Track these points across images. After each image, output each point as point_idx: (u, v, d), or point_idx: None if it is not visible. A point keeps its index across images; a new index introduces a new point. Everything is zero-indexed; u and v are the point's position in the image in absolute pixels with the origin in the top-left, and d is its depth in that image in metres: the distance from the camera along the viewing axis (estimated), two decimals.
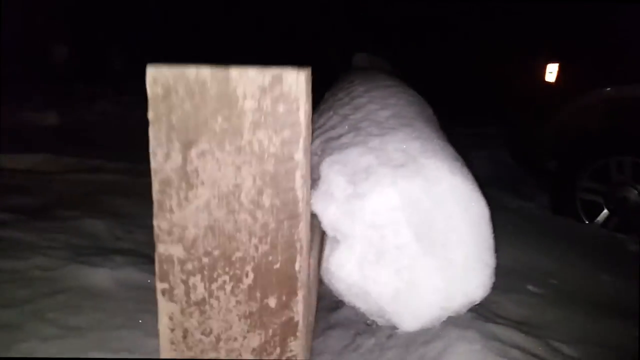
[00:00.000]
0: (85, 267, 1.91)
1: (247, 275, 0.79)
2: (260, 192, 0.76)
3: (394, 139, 1.22)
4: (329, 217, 1.12)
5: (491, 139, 5.08)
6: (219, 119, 0.73)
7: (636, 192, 3.28)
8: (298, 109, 0.73)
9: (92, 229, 2.31)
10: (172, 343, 0.82)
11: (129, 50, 6.07)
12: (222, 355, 0.81)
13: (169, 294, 0.80)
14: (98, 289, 1.76)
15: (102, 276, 1.81)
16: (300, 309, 0.80)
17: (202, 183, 0.76)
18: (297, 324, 0.80)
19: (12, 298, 1.61)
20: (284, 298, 0.79)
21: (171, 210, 0.77)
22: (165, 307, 0.81)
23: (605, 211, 3.41)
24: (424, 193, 1.07)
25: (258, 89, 0.72)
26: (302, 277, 0.79)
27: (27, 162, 3.15)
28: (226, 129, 0.73)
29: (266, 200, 0.76)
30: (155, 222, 0.78)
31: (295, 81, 0.72)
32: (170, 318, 0.81)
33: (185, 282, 0.80)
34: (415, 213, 1.07)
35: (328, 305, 1.43)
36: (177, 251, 0.78)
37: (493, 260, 1.12)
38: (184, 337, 0.82)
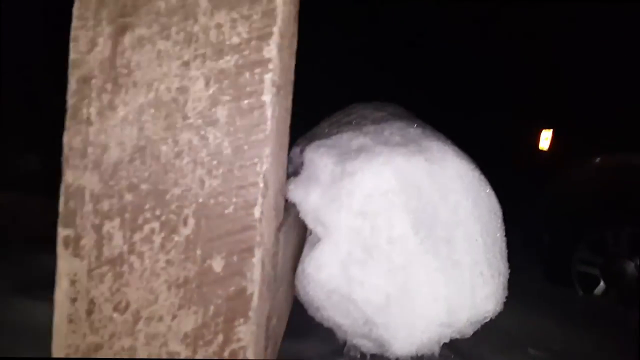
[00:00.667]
0: (24, 300, 1.64)
1: (185, 223, 0.54)
2: (214, 102, 0.54)
3: (392, 126, 1.02)
4: (311, 205, 0.89)
5: None
6: None
7: (633, 264, 3.05)
8: None
9: None
10: (71, 321, 0.56)
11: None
12: (140, 341, 0.54)
13: (73, 245, 0.55)
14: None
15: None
16: (256, 277, 0.54)
17: (135, 84, 0.54)
18: (249, 298, 0.54)
19: None
20: (234, 259, 0.55)
21: (88, 121, 0.54)
22: (66, 265, 0.55)
23: (602, 284, 3.16)
24: (426, 176, 0.86)
25: None
26: (262, 229, 0.54)
27: None
28: (175, 7, 0.53)
29: (221, 113, 0.54)
30: (65, 138, 0.55)
31: None
32: (72, 282, 0.56)
33: (97, 229, 0.55)
34: (414, 199, 0.84)
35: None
36: (90, 182, 0.55)
37: (506, 268, 0.88)
38: (89, 312, 0.56)
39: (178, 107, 0.54)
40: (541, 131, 3.51)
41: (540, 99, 3.71)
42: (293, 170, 1.04)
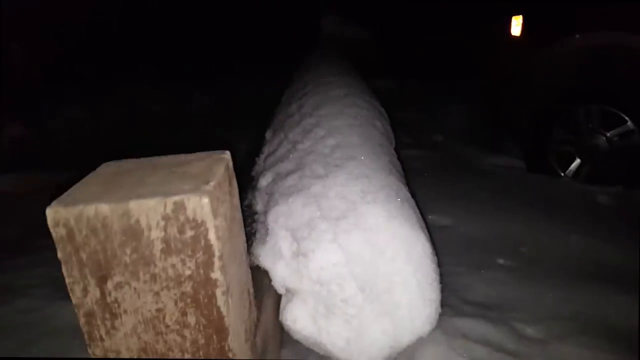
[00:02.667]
0: (69, 303, 1.93)
1: None
2: (184, 313, 0.75)
3: (337, 182, 1.19)
4: (279, 275, 1.12)
5: (471, 91, 4.99)
6: (128, 251, 0.71)
7: (604, 139, 3.27)
8: (207, 231, 0.70)
9: None
10: None
11: (94, 48, 5.79)
12: None
13: None
14: None
15: None
16: None
17: (125, 312, 0.74)
18: None
19: None
20: None
21: (101, 339, 0.76)
22: None
23: (578, 160, 3.41)
24: (365, 243, 1.06)
25: (162, 218, 0.69)
26: None
27: (5, 184, 3.09)
28: (137, 259, 0.71)
29: (191, 319, 0.75)
30: (89, 350, 0.77)
31: (199, 205, 0.69)
32: None
33: None
34: (358, 265, 1.06)
35: None
36: None
37: (437, 294, 1.12)
38: None
39: (160, 320, 0.75)
40: (511, 18, 3.49)
41: None
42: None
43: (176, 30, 6.31)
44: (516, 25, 3.43)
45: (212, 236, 0.70)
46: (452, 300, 1.90)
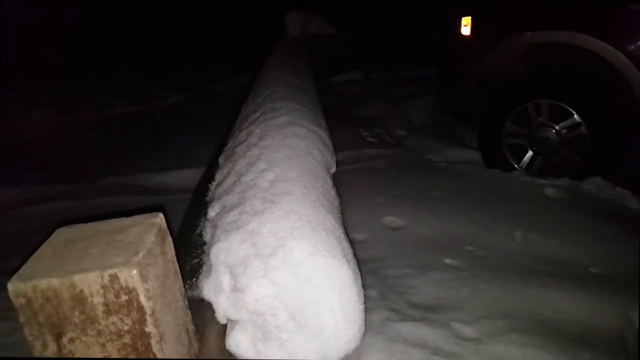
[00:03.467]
0: None
1: None
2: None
3: (271, 219, 1.38)
4: (221, 307, 1.31)
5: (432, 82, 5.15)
6: (77, 313, 0.89)
7: (553, 131, 3.51)
8: (138, 295, 0.88)
9: None
10: None
11: (65, 42, 5.83)
12: None
13: None
14: None
15: None
16: None
17: None
18: None
19: None
20: None
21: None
22: None
23: (530, 153, 3.66)
24: (293, 276, 1.25)
25: (101, 287, 0.87)
26: None
27: None
28: (84, 319, 0.89)
29: None
30: None
31: (130, 276, 0.87)
32: None
33: None
34: (287, 296, 1.25)
35: None
36: None
37: (360, 315, 1.32)
38: None
39: None
40: (461, 19, 3.68)
41: None
42: None
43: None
44: (465, 26, 3.63)
45: (142, 299, 0.88)
46: (398, 304, 2.12)
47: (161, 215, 1.04)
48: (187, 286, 1.41)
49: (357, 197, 3.06)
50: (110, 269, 0.86)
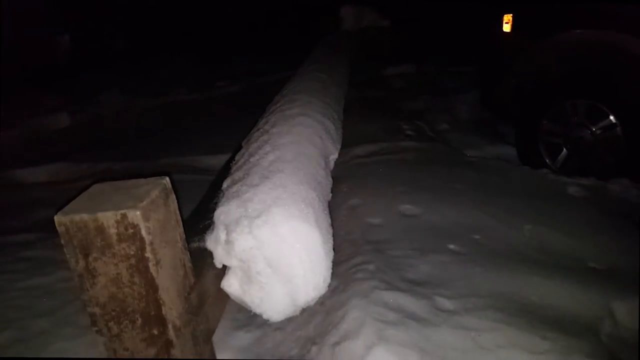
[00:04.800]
0: None
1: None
2: (132, 275, 1.37)
3: (263, 190, 1.80)
4: (218, 255, 1.74)
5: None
6: (99, 240, 1.34)
7: (589, 132, 3.68)
8: (140, 230, 1.32)
9: None
10: None
11: (127, 28, 6.55)
12: None
13: None
14: None
15: None
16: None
17: (99, 274, 1.38)
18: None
19: (44, 309, 2.37)
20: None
21: (87, 290, 1.40)
22: None
23: (565, 151, 3.84)
24: (272, 234, 1.66)
25: (115, 222, 1.31)
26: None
27: (44, 174, 3.88)
28: (104, 244, 1.34)
29: (137, 280, 1.37)
30: (81, 296, 1.42)
31: (135, 215, 1.31)
32: None
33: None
34: (267, 248, 1.66)
35: None
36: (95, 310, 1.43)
37: (326, 269, 1.70)
38: None
39: (119, 279, 1.38)
40: (503, 16, 3.90)
41: None
42: None
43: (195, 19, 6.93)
44: (506, 23, 3.85)
45: (143, 232, 1.32)
46: (391, 277, 2.47)
47: (167, 178, 1.48)
48: (197, 239, 1.86)
49: (379, 186, 3.41)
50: (121, 210, 1.30)
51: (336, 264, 2.77)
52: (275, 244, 1.67)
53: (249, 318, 2.52)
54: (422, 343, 1.99)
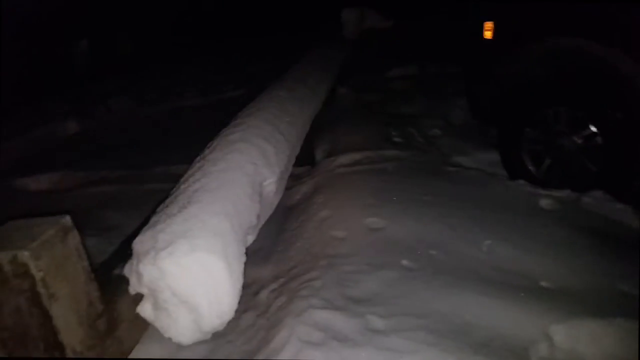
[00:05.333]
0: None
1: None
2: (29, 306, 1.55)
3: (176, 221, 1.95)
4: (132, 284, 1.91)
5: None
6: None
7: (571, 141, 3.65)
8: (29, 268, 1.49)
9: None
10: None
11: (137, 34, 6.83)
12: None
13: None
14: None
15: None
16: None
17: (3, 304, 1.56)
18: None
19: None
20: None
21: None
22: None
23: (548, 160, 3.82)
24: (174, 265, 1.81)
25: (8, 261, 1.49)
26: None
27: (47, 181, 4.18)
28: (2, 279, 1.52)
29: (34, 310, 1.55)
30: None
31: (24, 255, 1.48)
32: None
33: None
34: (170, 279, 1.81)
35: None
36: (4, 334, 1.62)
37: (232, 299, 1.84)
38: None
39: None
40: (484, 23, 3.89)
41: None
42: None
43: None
44: (487, 30, 3.83)
45: (33, 271, 1.49)
46: (332, 295, 2.56)
47: (68, 217, 1.65)
48: (121, 266, 2.03)
49: (352, 197, 3.50)
50: (13, 250, 1.48)
51: (292, 278, 2.91)
52: (178, 274, 1.81)
53: None
54: None
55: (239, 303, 2.92)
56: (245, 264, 3.26)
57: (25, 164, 4.56)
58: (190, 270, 1.80)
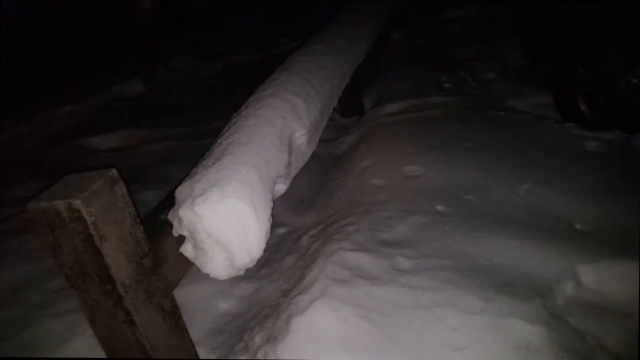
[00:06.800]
0: None
1: None
2: (84, 246, 1.90)
3: (211, 172, 2.23)
4: (175, 227, 2.22)
5: None
6: (58, 220, 1.87)
7: (625, 80, 3.60)
8: (82, 214, 1.82)
9: (145, 200, 3.68)
10: None
11: None
12: None
13: None
14: None
15: None
16: None
17: (64, 245, 1.92)
18: None
19: None
20: None
21: (58, 257, 1.96)
22: None
23: (602, 101, 3.79)
24: (208, 210, 2.09)
25: (65, 208, 1.83)
26: None
27: (114, 140, 4.63)
28: (61, 223, 1.87)
29: (88, 249, 1.90)
30: (56, 262, 1.98)
31: (76, 203, 1.80)
32: None
33: None
34: (205, 222, 2.10)
35: None
36: (67, 271, 1.99)
37: (258, 240, 2.10)
38: None
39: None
40: None
41: None
42: None
43: None
44: None
45: (85, 216, 1.81)
46: (363, 238, 2.79)
47: (114, 170, 1.97)
48: (166, 212, 2.34)
49: (393, 146, 3.66)
50: (68, 199, 1.81)
51: (330, 224, 3.16)
52: (211, 218, 2.09)
53: (253, 271, 3.01)
54: (362, 299, 2.32)
55: (283, 247, 3.24)
56: (291, 212, 3.55)
57: (95, 124, 5.05)
58: (222, 214, 2.07)
